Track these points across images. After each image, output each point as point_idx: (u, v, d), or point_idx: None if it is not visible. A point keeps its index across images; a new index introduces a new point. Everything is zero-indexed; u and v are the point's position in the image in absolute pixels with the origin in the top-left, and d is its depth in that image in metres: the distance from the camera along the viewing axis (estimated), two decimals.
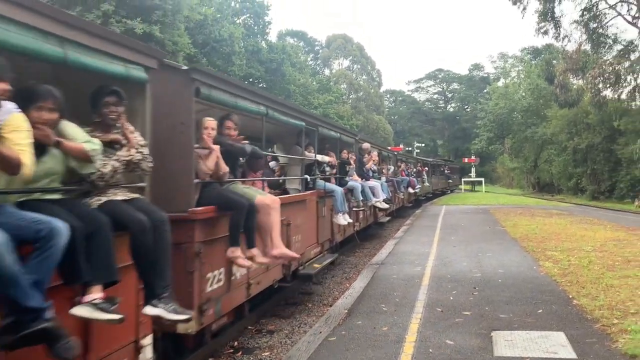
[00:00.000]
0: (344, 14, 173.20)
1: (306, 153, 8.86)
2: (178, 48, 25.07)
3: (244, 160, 7.09)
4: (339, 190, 10.04)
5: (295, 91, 44.77)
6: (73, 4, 21.73)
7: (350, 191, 11.49)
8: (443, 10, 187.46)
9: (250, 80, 40.03)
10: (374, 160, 14.07)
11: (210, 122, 5.19)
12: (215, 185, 5.30)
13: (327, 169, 10.13)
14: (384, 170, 17.40)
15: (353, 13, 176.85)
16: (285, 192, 8.43)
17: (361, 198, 11.83)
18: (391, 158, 21.14)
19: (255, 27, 45.46)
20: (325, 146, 10.42)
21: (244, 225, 5.16)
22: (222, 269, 5.29)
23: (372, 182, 13.29)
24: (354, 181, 11.83)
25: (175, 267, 4.03)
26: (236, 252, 5.13)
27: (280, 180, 8.88)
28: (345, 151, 11.74)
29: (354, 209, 11.71)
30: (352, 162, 11.99)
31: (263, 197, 5.52)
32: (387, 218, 16.94)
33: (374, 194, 13.04)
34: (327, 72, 76.04)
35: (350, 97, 71.63)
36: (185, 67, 4.95)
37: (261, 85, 40.85)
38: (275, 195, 6.88)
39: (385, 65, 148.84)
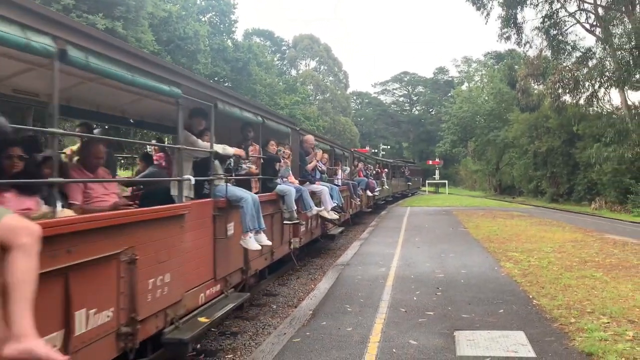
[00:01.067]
0: (311, 14, 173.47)
1: (199, 142, 5.90)
2: (141, 45, 24.61)
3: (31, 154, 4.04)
4: (248, 197, 6.43)
5: (261, 91, 44.63)
6: None
7: (281, 198, 8.51)
8: (409, 13, 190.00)
9: (216, 79, 39.63)
10: (319, 159, 11.43)
11: None
12: None
13: (245, 167, 7.21)
14: (338, 172, 14.81)
15: (320, 14, 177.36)
16: (171, 200, 5.20)
17: (295, 207, 8.59)
18: (347, 157, 18.53)
19: (221, 26, 45.17)
20: (248, 136, 7.63)
21: None
22: None
23: (317, 186, 10.65)
24: (288, 184, 8.79)
25: None
26: None
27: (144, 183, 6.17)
28: (272, 143, 8.43)
29: (285, 222, 8.64)
30: (286, 157, 9.05)
31: None
32: (340, 229, 14.04)
33: (320, 202, 10.51)
34: (293, 72, 76.18)
35: (317, 98, 71.91)
36: None
37: (227, 84, 40.51)
38: (136, 207, 4.91)
39: (351, 67, 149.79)
